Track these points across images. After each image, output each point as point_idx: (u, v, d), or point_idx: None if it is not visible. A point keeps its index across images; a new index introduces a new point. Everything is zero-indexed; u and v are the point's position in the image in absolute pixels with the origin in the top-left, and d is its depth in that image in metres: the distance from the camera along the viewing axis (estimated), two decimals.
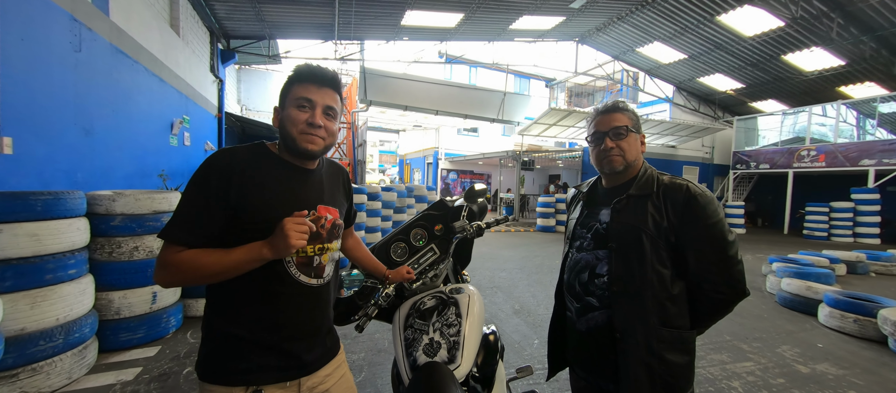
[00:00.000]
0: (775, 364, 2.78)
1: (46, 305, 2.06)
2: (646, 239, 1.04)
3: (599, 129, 1.14)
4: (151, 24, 4.75)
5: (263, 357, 0.90)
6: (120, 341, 2.62)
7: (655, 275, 1.03)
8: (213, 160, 0.88)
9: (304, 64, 0.95)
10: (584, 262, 1.15)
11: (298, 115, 0.91)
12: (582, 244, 1.18)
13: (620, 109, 1.13)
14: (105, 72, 3.68)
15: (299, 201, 0.95)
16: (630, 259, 1.05)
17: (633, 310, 1.04)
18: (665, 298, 1.03)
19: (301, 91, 0.92)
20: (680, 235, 1.03)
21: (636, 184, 1.11)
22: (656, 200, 1.07)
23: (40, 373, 2.04)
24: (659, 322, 1.02)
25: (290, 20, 8.44)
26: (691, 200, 1.02)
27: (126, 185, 3.99)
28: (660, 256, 1.04)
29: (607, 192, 1.19)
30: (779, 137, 13.14)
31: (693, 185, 1.06)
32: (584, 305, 1.14)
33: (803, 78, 11.66)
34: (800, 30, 9.13)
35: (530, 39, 12.12)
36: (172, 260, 0.83)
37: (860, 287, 5.08)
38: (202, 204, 0.85)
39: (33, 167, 2.74)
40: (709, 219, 1.01)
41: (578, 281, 1.15)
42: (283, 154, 0.97)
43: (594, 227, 1.16)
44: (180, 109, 5.74)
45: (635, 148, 1.13)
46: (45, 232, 2.08)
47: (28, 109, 2.69)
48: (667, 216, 1.04)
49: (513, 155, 12.88)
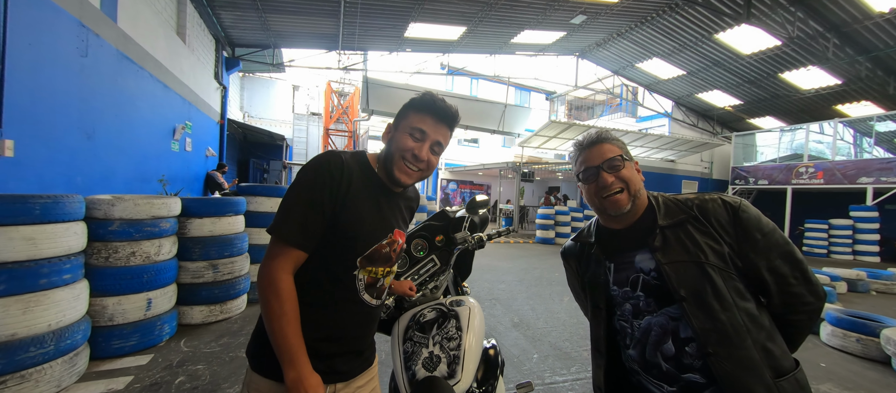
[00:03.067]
0: None
1: (39, 311, 2.02)
2: (714, 273, 0.85)
3: (591, 165, 0.95)
4: (158, 31, 4.81)
5: (312, 362, 0.92)
6: (112, 349, 2.57)
7: (744, 313, 0.84)
8: (326, 161, 0.89)
9: (429, 94, 0.95)
10: (658, 328, 0.90)
11: (408, 143, 0.92)
12: (638, 305, 0.93)
13: (608, 139, 0.97)
14: (110, 77, 3.71)
15: (383, 223, 0.97)
16: (710, 304, 0.83)
17: (741, 369, 0.81)
18: (764, 338, 0.84)
19: (418, 121, 0.92)
20: (744, 256, 0.87)
21: (660, 213, 0.93)
22: (699, 224, 0.89)
23: (29, 380, 1.99)
24: (773, 374, 0.81)
25: (294, 30, 8.56)
26: (737, 212, 0.88)
27: (126, 190, 3.98)
28: (737, 288, 0.85)
29: (627, 234, 0.97)
30: (777, 154, 13.23)
31: (723, 196, 0.93)
32: (683, 386, 0.87)
33: (800, 96, 11.81)
34: (796, 49, 9.28)
35: (531, 53, 12.30)
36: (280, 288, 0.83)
37: (861, 306, 5.04)
38: (316, 204, 0.85)
39: (33, 170, 2.73)
40: (765, 227, 0.88)
41: (663, 355, 0.89)
42: (380, 171, 0.98)
43: (638, 280, 0.93)
44: (183, 115, 5.77)
45: (636, 178, 0.95)
46: (42, 236, 2.06)
47: (31, 113, 2.69)
48: (721, 239, 0.87)
49: (513, 166, 12.92)
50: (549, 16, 9.01)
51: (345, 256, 0.92)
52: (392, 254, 1.00)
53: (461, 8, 8.18)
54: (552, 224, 10.59)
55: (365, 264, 0.95)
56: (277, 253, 0.85)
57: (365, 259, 0.94)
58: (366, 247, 0.94)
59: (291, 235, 0.85)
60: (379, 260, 0.97)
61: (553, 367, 2.80)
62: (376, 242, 0.95)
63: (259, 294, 0.85)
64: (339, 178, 0.88)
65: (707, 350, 0.83)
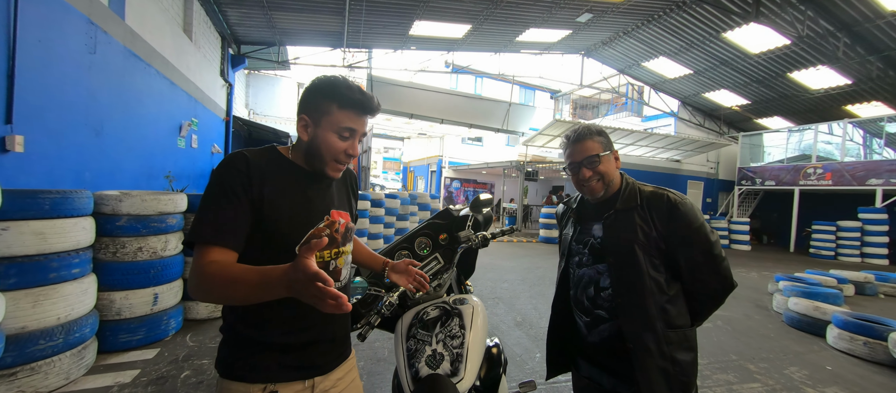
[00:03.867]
0: (783, 386, 2.71)
1: (48, 304, 2.06)
2: (638, 249, 1.12)
3: (574, 160, 1.19)
4: (165, 28, 4.84)
5: (283, 358, 0.91)
6: (119, 343, 2.61)
7: (653, 282, 1.11)
8: (231, 160, 0.87)
9: (346, 83, 0.89)
10: (587, 277, 1.22)
11: (338, 145, 0.90)
12: (581, 260, 1.24)
13: (590, 136, 1.19)
14: (118, 74, 3.74)
15: (313, 209, 0.95)
16: (627, 270, 1.13)
17: (639, 318, 1.11)
18: (665, 301, 1.12)
19: (346, 120, 0.89)
20: (668, 241, 1.13)
21: (621, 198, 1.18)
22: (642, 212, 1.15)
23: (39, 372, 2.02)
24: (664, 326, 1.10)
25: (300, 28, 8.58)
26: (673, 208, 1.12)
27: (133, 186, 4.02)
28: (653, 263, 1.12)
29: (596, 208, 1.25)
30: (784, 154, 13.06)
31: (672, 193, 1.16)
32: (593, 319, 1.20)
33: (809, 96, 11.65)
34: (806, 48, 9.15)
35: (536, 52, 12.23)
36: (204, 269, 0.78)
37: (869, 309, 4.98)
38: (230, 200, 0.83)
39: (43, 166, 2.76)
40: (692, 223, 1.11)
41: (586, 296, 1.22)
42: (299, 160, 0.96)
43: (589, 242, 1.23)
44: (189, 112, 5.81)
45: (612, 169, 1.19)
46: (51, 230, 2.09)
47: (41, 109, 2.73)
48: (654, 226, 1.13)
49: (516, 165, 12.89)
50: (554, 14, 8.95)
51: (280, 249, 0.86)
52: (335, 235, 0.91)
53: (466, 6, 8.15)
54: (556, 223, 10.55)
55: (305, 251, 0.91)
56: (197, 253, 0.80)
57: (303, 245, 0.83)
58: (299, 235, 0.82)
59: (205, 235, 0.80)
60: None
61: None
62: (311, 227, 0.85)
63: (202, 297, 0.79)
64: (247, 171, 0.86)
65: (617, 299, 1.14)
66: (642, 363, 1.09)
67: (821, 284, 5.02)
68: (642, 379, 1.08)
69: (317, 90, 0.91)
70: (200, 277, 0.78)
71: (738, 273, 1.93)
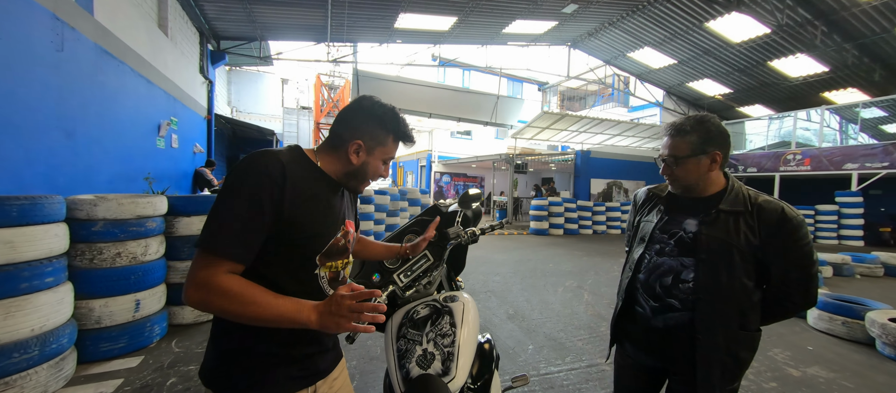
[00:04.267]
0: (767, 368, 2.79)
1: (21, 316, 1.96)
2: (737, 254, 1.11)
3: (662, 154, 1.22)
4: (138, 23, 4.64)
5: (289, 369, 0.90)
6: (100, 352, 2.51)
7: (741, 286, 1.11)
8: (264, 165, 0.81)
9: (401, 118, 0.97)
10: (666, 266, 1.21)
11: (381, 170, 0.98)
12: (663, 248, 1.22)
13: (680, 135, 1.17)
14: (89, 72, 3.58)
15: (336, 217, 0.96)
16: (719, 271, 1.11)
17: (716, 315, 1.12)
18: (747, 306, 1.13)
19: (393, 151, 0.98)
20: (768, 253, 1.10)
21: (726, 199, 1.16)
22: (750, 219, 1.12)
23: (13, 387, 1.94)
24: (738, 326, 1.12)
25: (281, 21, 8.35)
26: (785, 223, 1.09)
27: (111, 189, 3.87)
28: (747, 269, 1.12)
29: (691, 202, 1.22)
30: (765, 142, 13.40)
31: (787, 207, 1.12)
32: (663, 305, 1.19)
33: (789, 84, 11.94)
34: (785, 37, 9.35)
35: (523, 43, 12.21)
36: (220, 284, 0.74)
37: (846, 289, 5.17)
38: (256, 214, 0.78)
39: (10, 171, 2.63)
40: (800, 241, 1.09)
41: (661, 283, 1.21)
42: (328, 169, 0.95)
43: (678, 234, 1.21)
44: (168, 111, 5.62)
45: (695, 172, 1.16)
46: (21, 239, 1.98)
47: (5, 110, 2.58)
48: (759, 235, 1.10)
49: (506, 158, 12.91)
50: (540, 5, 8.92)
51: (304, 256, 0.89)
52: (347, 245, 1.00)
53: None
54: (546, 215, 10.64)
55: (324, 261, 0.93)
56: (210, 262, 0.75)
57: (324, 256, 0.92)
58: (323, 244, 0.91)
59: (228, 248, 0.76)
60: (336, 254, 0.96)
61: (548, 358, 2.82)
62: (332, 237, 0.94)
63: (204, 308, 0.75)
64: (281, 180, 0.81)
65: (698, 295, 1.13)
66: (707, 356, 1.11)
67: None
68: (702, 368, 1.12)
69: (375, 119, 0.93)
70: (212, 289, 0.74)
71: None
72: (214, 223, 0.77)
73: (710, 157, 1.15)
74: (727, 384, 1.14)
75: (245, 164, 0.81)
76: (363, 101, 0.95)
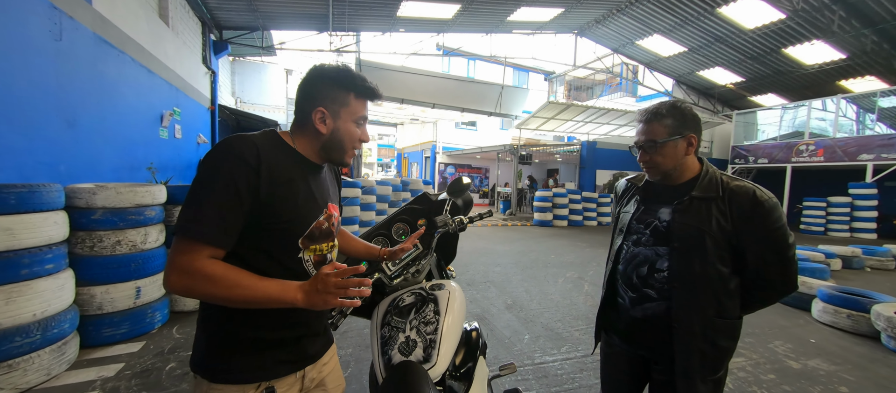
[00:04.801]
0: (766, 359, 2.76)
1: (22, 301, 2.01)
2: (709, 241, 1.09)
3: (636, 140, 1.19)
4: (138, 13, 4.64)
5: (278, 353, 0.90)
6: (102, 337, 2.58)
7: (716, 273, 1.09)
8: (238, 149, 0.79)
9: (359, 74, 0.92)
10: (642, 256, 1.20)
11: (356, 133, 0.94)
12: (640, 238, 1.22)
13: (656, 119, 1.14)
14: (89, 62, 3.59)
15: (317, 200, 0.94)
16: (692, 258, 1.10)
17: (691, 303, 1.11)
18: (723, 293, 1.11)
19: (361, 109, 0.93)
20: (742, 238, 1.08)
21: (699, 185, 1.14)
22: (721, 204, 1.10)
23: (17, 369, 1.99)
24: (715, 314, 1.10)
25: (283, 11, 8.29)
26: (758, 206, 1.07)
27: (114, 179, 3.92)
28: (721, 256, 1.09)
29: (666, 191, 1.21)
30: (778, 132, 13.06)
31: (759, 190, 1.09)
32: (641, 296, 1.20)
33: (803, 72, 11.57)
34: (801, 22, 9.02)
35: (528, 31, 11.97)
36: (204, 268, 0.74)
37: (855, 282, 5.06)
38: (233, 198, 0.77)
39: (11, 160, 2.67)
40: (773, 224, 1.06)
41: (637, 274, 1.21)
42: (303, 150, 0.92)
43: (653, 224, 1.20)
44: (171, 101, 5.65)
45: (672, 156, 1.14)
46: (20, 226, 2.02)
47: (5, 100, 2.61)
48: (731, 220, 1.08)
49: (510, 149, 12.80)
50: None
51: (286, 241, 0.88)
52: (332, 228, 0.98)
53: None
54: (550, 207, 10.57)
55: (307, 244, 0.92)
56: (190, 248, 0.75)
57: (306, 239, 0.91)
58: (304, 227, 0.90)
59: (207, 233, 0.75)
60: (320, 237, 0.94)
61: (544, 347, 2.81)
62: (314, 219, 0.92)
63: (189, 294, 0.75)
64: (256, 164, 0.80)
65: (672, 283, 1.13)
66: (684, 343, 1.11)
67: (809, 259, 5.09)
68: (680, 357, 1.11)
69: (330, 80, 0.89)
70: (194, 274, 0.74)
71: None
72: (190, 209, 0.76)
73: (686, 140, 1.14)
74: (709, 373, 1.12)
75: (219, 149, 0.80)
76: (314, 69, 0.91)
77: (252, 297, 0.77)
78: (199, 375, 0.86)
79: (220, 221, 0.76)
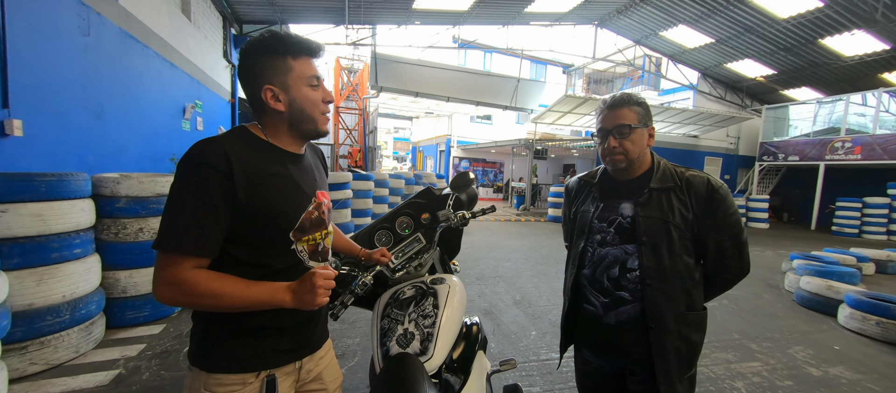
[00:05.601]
0: (784, 366, 2.65)
1: (52, 283, 2.14)
2: (674, 231, 1.09)
3: (604, 126, 1.15)
4: (161, 8, 4.79)
5: (279, 342, 0.90)
6: (126, 319, 2.72)
7: (683, 265, 1.10)
8: (205, 156, 0.77)
9: (287, 34, 0.84)
10: (611, 257, 1.16)
11: (316, 95, 0.87)
12: (605, 238, 1.17)
13: (627, 104, 1.13)
14: (114, 56, 3.75)
15: (304, 190, 0.91)
16: (661, 252, 1.09)
17: (664, 300, 1.09)
18: (691, 285, 1.11)
19: (307, 68, 0.86)
20: (702, 225, 1.10)
21: (655, 177, 1.14)
22: (681, 194, 1.11)
23: (48, 346, 2.14)
24: (685, 308, 1.10)
25: (300, 4, 8.39)
26: (713, 192, 1.09)
27: (138, 169, 4.10)
28: (685, 246, 1.10)
29: (623, 185, 1.19)
30: (811, 128, 12.36)
31: (712, 178, 1.12)
32: (613, 300, 1.15)
33: (842, 64, 10.87)
34: (840, 11, 8.45)
35: (547, 23, 11.70)
36: (188, 280, 0.74)
37: (889, 288, 4.78)
38: (205, 206, 0.75)
39: (44, 149, 2.83)
40: (728, 210, 1.09)
41: (608, 276, 1.16)
42: (276, 139, 0.89)
43: (616, 221, 1.16)
44: (192, 94, 5.84)
45: (640, 144, 1.13)
46: (50, 212, 2.15)
47: (37, 93, 2.76)
48: (692, 209, 1.10)
49: (525, 143, 12.63)
50: None
51: (277, 236, 0.88)
52: (322, 216, 0.96)
53: None
54: None
55: (299, 236, 0.91)
56: (172, 261, 0.74)
57: (297, 230, 0.90)
58: (294, 219, 0.89)
59: (184, 244, 0.74)
60: (311, 227, 0.93)
61: (550, 344, 2.79)
62: (303, 211, 0.91)
63: (176, 305, 0.77)
64: (226, 167, 0.77)
65: (646, 281, 1.09)
66: (661, 344, 1.09)
67: (839, 262, 4.83)
68: (659, 359, 1.09)
69: (262, 53, 0.84)
70: (180, 285, 0.74)
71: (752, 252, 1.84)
72: (165, 221, 0.76)
73: (649, 131, 1.15)
74: (685, 371, 1.11)
75: (186, 159, 0.78)
76: (243, 49, 0.87)
77: (240, 304, 0.78)
78: (196, 367, 0.86)
79: (196, 230, 0.75)
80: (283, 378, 0.92)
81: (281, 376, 0.91)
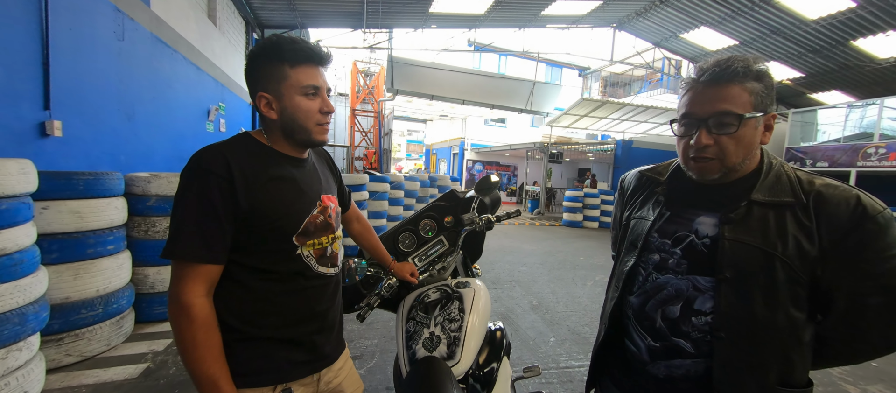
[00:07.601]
0: (818, 381, 2.52)
1: (87, 278, 2.23)
2: (780, 269, 0.70)
3: (693, 112, 0.74)
4: (189, 14, 4.97)
5: (293, 353, 0.89)
6: (155, 314, 2.81)
7: (787, 320, 0.72)
8: (206, 163, 0.77)
9: (291, 40, 0.81)
10: (672, 289, 0.81)
11: (311, 105, 0.84)
12: (666, 261, 0.83)
13: (738, 79, 0.71)
14: (145, 60, 3.90)
15: (307, 194, 0.90)
16: (752, 296, 0.72)
17: (745, 366, 0.73)
18: (793, 349, 0.73)
19: (305, 77, 0.82)
20: (831, 266, 0.70)
21: (762, 183, 0.75)
22: (803, 215, 0.71)
23: (82, 339, 2.22)
24: (777, 381, 0.73)
25: (320, 9, 8.57)
26: (864, 221, 0.68)
27: (165, 168, 4.25)
28: (796, 293, 0.72)
29: (707, 190, 0.81)
30: (842, 133, 11.84)
31: (865, 197, 0.71)
32: (666, 348, 0.81)
33: (875, 66, 10.40)
34: (874, 11, 8.10)
35: (563, 26, 11.60)
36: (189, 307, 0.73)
37: None
38: (210, 212, 0.76)
39: (81, 149, 2.96)
40: (886, 251, 0.68)
41: (663, 314, 0.82)
42: (277, 145, 0.88)
43: (687, 240, 0.81)
44: (216, 97, 6.02)
45: (749, 144, 0.73)
46: (87, 210, 2.24)
47: (75, 95, 2.89)
48: (818, 240, 0.70)
49: (540, 147, 12.52)
50: None
51: (279, 240, 0.86)
52: (329, 220, 0.94)
53: None
54: (580, 207, 10.25)
55: (303, 240, 0.88)
56: (182, 275, 0.75)
57: (301, 235, 0.88)
58: (296, 224, 0.87)
59: (192, 251, 0.74)
60: (317, 231, 0.91)
61: (570, 351, 2.74)
62: (306, 215, 0.89)
63: (170, 321, 0.76)
64: (226, 173, 0.77)
65: (718, 333, 0.74)
66: None
67: None
68: None
69: (260, 59, 0.82)
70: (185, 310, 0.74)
71: None
72: (171, 230, 0.77)
73: (766, 121, 0.75)
74: None
75: (188, 167, 0.79)
76: (247, 55, 0.86)
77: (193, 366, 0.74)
78: None
79: (200, 236, 0.75)
80: (300, 392, 0.90)
81: (298, 389, 0.90)
